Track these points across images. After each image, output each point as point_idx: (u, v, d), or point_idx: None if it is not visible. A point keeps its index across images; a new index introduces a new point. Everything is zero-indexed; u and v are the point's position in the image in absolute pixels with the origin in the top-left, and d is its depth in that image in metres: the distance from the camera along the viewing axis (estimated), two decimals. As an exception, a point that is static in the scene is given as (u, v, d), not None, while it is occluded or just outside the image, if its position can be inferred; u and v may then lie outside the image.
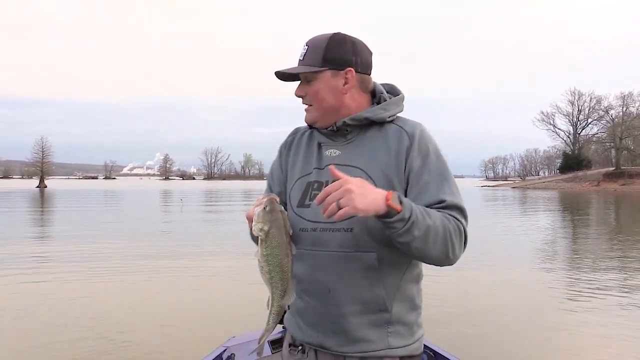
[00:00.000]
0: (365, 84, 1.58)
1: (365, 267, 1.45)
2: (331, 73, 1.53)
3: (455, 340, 5.17)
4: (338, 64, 1.52)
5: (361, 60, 1.55)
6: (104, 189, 66.37)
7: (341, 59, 1.52)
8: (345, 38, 1.56)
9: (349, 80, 1.53)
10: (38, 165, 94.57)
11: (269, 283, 1.42)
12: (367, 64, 1.58)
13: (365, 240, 1.45)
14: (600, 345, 5.34)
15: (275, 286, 1.42)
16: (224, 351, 3.16)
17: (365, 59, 1.57)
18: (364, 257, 1.45)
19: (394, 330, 1.48)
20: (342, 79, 1.53)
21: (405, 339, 1.50)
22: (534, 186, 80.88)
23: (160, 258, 10.77)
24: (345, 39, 1.55)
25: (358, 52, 1.55)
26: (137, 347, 5.19)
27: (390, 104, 1.57)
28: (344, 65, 1.52)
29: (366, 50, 1.58)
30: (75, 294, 7.51)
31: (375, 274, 1.46)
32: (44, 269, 9.53)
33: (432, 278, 8.31)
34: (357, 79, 1.55)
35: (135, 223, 19.41)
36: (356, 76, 1.54)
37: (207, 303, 6.80)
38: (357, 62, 1.54)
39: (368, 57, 1.58)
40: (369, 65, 1.59)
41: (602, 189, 65.32)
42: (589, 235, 16.10)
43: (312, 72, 1.53)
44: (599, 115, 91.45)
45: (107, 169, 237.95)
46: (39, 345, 5.23)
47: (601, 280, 8.51)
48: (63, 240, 13.94)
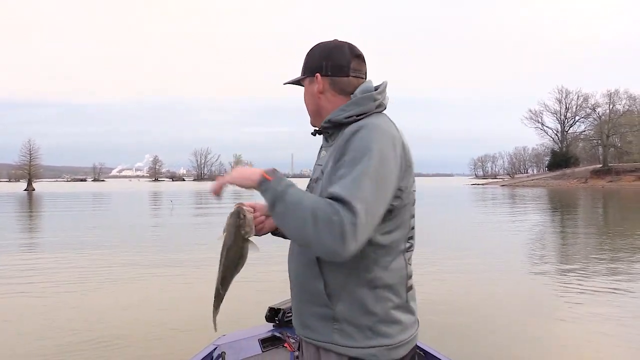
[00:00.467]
0: (339, 85, 1.63)
1: (308, 261, 1.55)
2: (309, 80, 1.68)
3: (445, 340, 5.22)
4: (311, 70, 1.66)
5: (332, 64, 1.63)
6: (93, 192, 65.90)
7: (312, 65, 1.66)
8: (320, 45, 1.68)
9: (319, 84, 1.64)
10: (25, 168, 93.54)
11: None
12: (339, 67, 1.63)
13: None
14: (595, 341, 5.41)
15: (218, 271, 1.65)
16: (215, 349, 3.19)
17: (337, 62, 1.63)
18: (307, 252, 1.53)
19: (340, 328, 1.51)
20: (316, 84, 1.65)
21: (355, 341, 1.50)
22: (522, 184, 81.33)
23: (149, 260, 10.75)
24: (320, 46, 1.67)
25: (330, 57, 1.63)
26: (128, 347, 5.19)
27: (350, 104, 1.60)
28: (314, 72, 1.65)
29: (342, 54, 1.64)
30: (64, 296, 7.49)
31: (317, 269, 1.53)
32: (33, 273, 9.47)
33: (424, 277, 8.38)
34: (327, 82, 1.64)
35: (125, 226, 19.30)
36: (326, 79, 1.64)
37: (197, 302, 6.81)
38: (326, 67, 1.63)
39: (342, 60, 1.63)
40: (343, 67, 1.63)
41: (590, 186, 65.87)
42: (578, 232, 16.25)
43: (299, 81, 1.71)
44: (586, 113, 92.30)
45: (95, 171, 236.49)
46: (29, 349, 5.22)
47: (593, 276, 8.60)
48: (52, 243, 13.86)
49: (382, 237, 1.50)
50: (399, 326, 1.53)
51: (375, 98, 1.59)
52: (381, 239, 1.50)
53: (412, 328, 1.59)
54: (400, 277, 1.56)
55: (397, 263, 1.55)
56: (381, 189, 1.40)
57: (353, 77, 1.64)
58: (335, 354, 1.53)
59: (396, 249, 1.54)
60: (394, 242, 1.53)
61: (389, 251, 1.52)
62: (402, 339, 1.53)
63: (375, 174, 1.38)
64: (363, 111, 1.57)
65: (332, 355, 1.54)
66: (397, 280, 1.54)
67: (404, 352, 1.54)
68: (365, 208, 1.33)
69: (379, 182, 1.39)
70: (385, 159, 1.43)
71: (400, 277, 1.56)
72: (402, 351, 1.54)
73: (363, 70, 1.68)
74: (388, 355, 1.51)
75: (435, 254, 10.93)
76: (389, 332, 1.52)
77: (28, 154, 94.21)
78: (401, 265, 1.56)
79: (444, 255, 10.82)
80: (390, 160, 1.44)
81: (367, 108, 1.58)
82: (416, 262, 1.65)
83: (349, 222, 1.30)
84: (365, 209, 1.33)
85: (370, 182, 1.37)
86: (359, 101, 1.59)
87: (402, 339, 1.53)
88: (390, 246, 1.53)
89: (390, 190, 1.44)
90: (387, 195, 1.44)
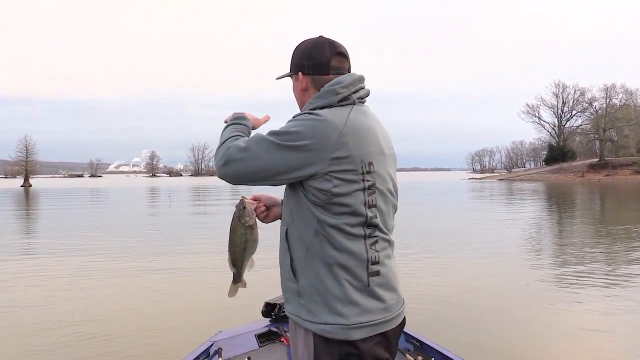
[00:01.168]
0: (319, 83, 1.73)
1: (282, 237, 1.73)
2: (294, 77, 1.80)
3: (441, 330, 5.29)
4: (294, 68, 1.78)
5: (313, 63, 1.74)
6: (90, 187, 65.83)
7: (295, 64, 1.78)
8: (303, 43, 1.78)
9: (301, 83, 1.76)
10: (22, 164, 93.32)
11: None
12: (319, 66, 1.73)
13: (284, 214, 1.76)
14: (592, 335, 5.48)
15: (228, 255, 1.88)
16: (211, 345, 3.25)
17: (317, 61, 1.73)
18: (282, 229, 1.74)
19: (304, 303, 1.64)
20: (299, 82, 1.77)
21: (314, 316, 1.61)
22: (519, 178, 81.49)
23: (147, 255, 10.79)
24: (303, 45, 1.78)
25: (310, 56, 1.74)
26: (125, 342, 5.24)
27: (315, 97, 1.70)
28: (297, 70, 1.77)
29: (322, 53, 1.73)
30: (63, 292, 7.54)
31: (286, 245, 1.70)
32: (33, 268, 9.52)
33: (421, 270, 8.46)
34: (308, 80, 1.75)
35: (122, 221, 19.34)
36: (307, 78, 1.75)
37: (194, 299, 6.87)
38: (307, 65, 1.75)
39: (322, 58, 1.73)
40: (323, 66, 1.73)
41: (587, 180, 66.03)
42: (574, 225, 16.33)
43: (288, 77, 1.83)
44: (583, 107, 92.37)
45: (92, 167, 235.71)
46: (29, 346, 5.28)
47: (588, 268, 8.67)
48: (50, 240, 13.90)
49: (326, 217, 1.60)
50: (356, 308, 1.59)
51: (338, 92, 1.66)
52: (326, 218, 1.60)
53: (375, 313, 1.62)
54: (359, 260, 1.61)
55: (354, 246, 1.61)
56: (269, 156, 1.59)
57: (333, 74, 1.72)
58: (303, 329, 1.65)
59: (348, 232, 1.60)
60: (341, 225, 1.59)
61: (339, 232, 1.60)
62: (358, 321, 1.58)
63: (269, 143, 1.60)
64: (325, 104, 1.65)
65: (302, 330, 1.66)
66: (354, 262, 1.60)
67: (362, 334, 1.59)
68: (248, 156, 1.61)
69: (270, 151, 1.59)
70: (289, 138, 1.58)
71: (359, 261, 1.61)
72: (360, 333, 1.58)
73: (345, 66, 1.76)
74: (344, 334, 1.57)
75: (430, 247, 11.03)
76: (344, 312, 1.58)
77: (24, 150, 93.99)
78: (359, 249, 1.61)
79: (440, 249, 10.90)
80: (294, 141, 1.57)
81: (329, 101, 1.65)
82: (412, 255, 1.71)
83: (225, 147, 1.66)
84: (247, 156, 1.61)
85: (263, 145, 1.61)
86: (322, 94, 1.68)
87: (359, 321, 1.58)
88: (340, 228, 1.60)
89: (278, 164, 1.59)
90: (272, 164, 1.60)
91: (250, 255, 1.87)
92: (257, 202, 1.89)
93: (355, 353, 1.58)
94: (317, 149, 1.56)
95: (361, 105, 1.72)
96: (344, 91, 1.67)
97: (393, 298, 1.68)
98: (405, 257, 9.26)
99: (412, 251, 10.20)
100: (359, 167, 1.59)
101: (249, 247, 1.85)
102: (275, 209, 1.92)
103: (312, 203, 1.61)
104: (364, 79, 1.76)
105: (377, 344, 1.62)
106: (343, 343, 1.58)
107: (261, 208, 1.89)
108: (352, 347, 1.58)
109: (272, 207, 1.92)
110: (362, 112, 1.69)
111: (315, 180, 1.58)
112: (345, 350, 1.58)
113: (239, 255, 1.85)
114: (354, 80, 1.71)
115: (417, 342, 3.29)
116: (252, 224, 1.83)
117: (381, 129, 1.74)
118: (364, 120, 1.67)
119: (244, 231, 1.83)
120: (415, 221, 16.46)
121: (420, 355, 3.11)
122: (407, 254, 9.70)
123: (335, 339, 1.58)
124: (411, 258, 9.44)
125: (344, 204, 1.59)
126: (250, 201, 1.85)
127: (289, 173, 1.60)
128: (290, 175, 1.60)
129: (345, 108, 1.66)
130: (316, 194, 1.59)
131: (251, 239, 1.84)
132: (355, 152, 1.58)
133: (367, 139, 1.63)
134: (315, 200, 1.60)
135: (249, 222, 1.82)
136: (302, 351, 1.66)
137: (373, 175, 1.63)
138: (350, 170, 1.58)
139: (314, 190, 1.59)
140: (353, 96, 1.69)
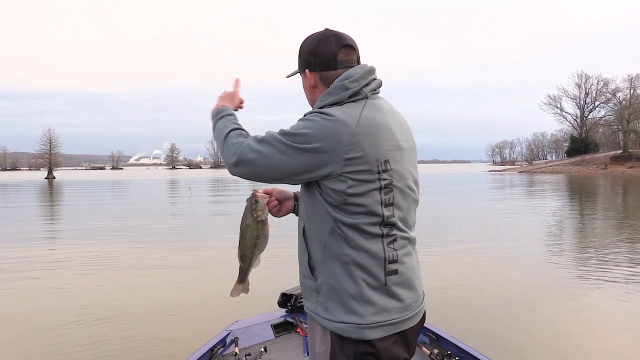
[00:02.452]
0: (328, 79, 1.68)
1: (300, 234, 1.72)
2: (302, 75, 1.76)
3: (458, 324, 5.28)
4: (301, 66, 1.75)
5: (319, 60, 1.69)
6: (113, 180, 66.69)
7: (303, 62, 1.74)
8: (308, 39, 1.74)
9: (310, 80, 1.73)
10: (46, 157, 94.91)
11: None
12: (325, 62, 1.68)
13: (301, 211, 1.76)
14: (613, 329, 5.43)
15: (238, 250, 1.87)
16: (228, 335, 3.28)
17: (323, 57, 1.68)
18: (300, 226, 1.73)
19: (322, 300, 1.63)
20: (307, 79, 1.74)
21: (331, 314, 1.60)
22: (540, 170, 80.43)
23: (167, 246, 10.96)
24: (307, 41, 1.74)
25: (316, 53, 1.69)
26: (144, 333, 5.34)
27: (325, 94, 1.65)
28: (304, 67, 1.73)
29: (328, 48, 1.68)
30: (84, 279, 7.73)
31: (304, 242, 1.69)
32: (58, 257, 9.73)
33: (441, 262, 8.43)
34: (316, 77, 1.71)
35: (144, 212, 19.60)
36: (315, 75, 1.71)
37: (211, 290, 6.97)
38: (313, 63, 1.70)
39: (328, 54, 1.67)
40: (330, 61, 1.67)
41: (610, 172, 64.92)
42: (596, 219, 16.10)
43: (298, 74, 1.79)
44: (607, 98, 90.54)
45: (113, 159, 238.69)
46: (51, 337, 5.40)
47: (611, 265, 8.56)
48: (76, 229, 14.19)
49: (342, 216, 1.57)
50: (372, 307, 1.57)
51: (348, 87, 1.61)
52: (342, 218, 1.57)
53: (392, 312, 1.60)
54: (376, 259, 1.58)
55: (371, 245, 1.58)
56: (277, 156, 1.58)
57: (341, 68, 1.67)
58: (321, 326, 1.65)
59: (365, 232, 1.57)
60: (358, 225, 1.57)
61: (355, 231, 1.57)
62: (375, 320, 1.57)
63: (279, 143, 1.57)
64: (336, 101, 1.61)
65: (319, 327, 1.66)
66: (370, 261, 1.58)
67: (378, 334, 1.57)
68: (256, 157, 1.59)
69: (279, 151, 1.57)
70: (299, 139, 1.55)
71: (376, 260, 1.58)
72: (376, 333, 1.57)
73: (353, 59, 1.70)
74: (359, 333, 1.56)
75: (451, 240, 10.98)
76: (360, 311, 1.56)
77: (48, 143, 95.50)
78: (377, 248, 1.58)
79: (460, 241, 10.84)
80: (303, 143, 1.54)
81: (340, 98, 1.61)
82: (432, 247, 1.70)
83: (232, 142, 1.67)
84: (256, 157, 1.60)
85: (274, 144, 1.58)
86: (332, 91, 1.63)
87: (375, 321, 1.57)
88: (356, 227, 1.57)
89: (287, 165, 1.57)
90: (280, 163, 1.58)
91: (260, 251, 1.85)
92: (269, 195, 1.87)
93: (372, 352, 1.56)
94: (330, 150, 1.52)
95: (374, 98, 1.67)
96: (354, 86, 1.61)
97: (412, 296, 1.65)
98: (428, 249, 9.20)
99: (430, 242, 10.21)
100: (374, 166, 1.55)
101: (259, 243, 1.83)
102: (287, 203, 1.91)
103: (327, 203, 1.58)
104: (374, 70, 1.70)
105: (394, 343, 1.60)
106: (359, 342, 1.56)
107: (273, 202, 1.88)
108: (369, 346, 1.56)
109: (284, 201, 1.91)
110: (376, 107, 1.63)
111: (330, 180, 1.56)
112: (361, 349, 1.56)
113: (248, 251, 1.84)
114: (364, 73, 1.65)
115: (434, 335, 3.28)
116: (264, 219, 1.81)
117: (397, 121, 1.67)
118: (378, 116, 1.61)
119: (256, 226, 1.81)
120: (435, 213, 16.38)
121: (436, 348, 3.10)
122: (431, 244, 9.69)
123: (351, 338, 1.57)
124: (432, 251, 9.45)
125: (360, 204, 1.56)
126: (262, 195, 1.82)
127: (302, 174, 1.58)
128: (304, 176, 1.58)
129: (357, 104, 1.61)
130: (331, 195, 1.57)
131: (262, 235, 1.82)
132: (370, 151, 1.54)
133: (381, 136, 1.58)
134: (330, 200, 1.58)
135: (261, 217, 1.80)
136: (319, 348, 1.67)
137: (390, 174, 1.58)
138: (365, 170, 1.54)
139: (329, 190, 1.57)
140: (364, 90, 1.63)
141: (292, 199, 1.91)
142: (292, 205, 1.91)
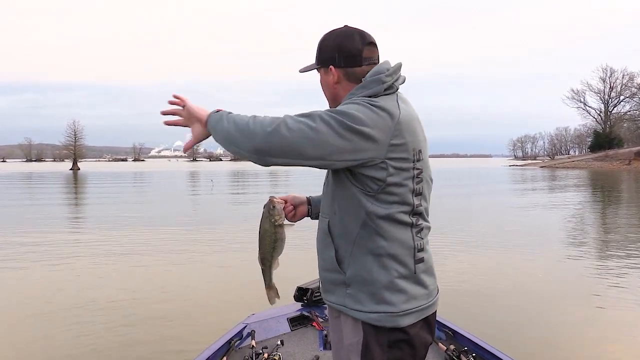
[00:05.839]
0: (352, 75, 1.69)
1: (324, 230, 1.73)
2: (323, 70, 1.75)
3: (475, 320, 5.26)
4: (324, 62, 1.73)
5: (344, 56, 1.68)
6: (135, 171, 67.53)
7: (326, 57, 1.72)
8: (332, 35, 1.73)
9: (334, 76, 1.72)
10: (71, 149, 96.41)
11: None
12: (351, 57, 1.68)
13: (324, 207, 1.76)
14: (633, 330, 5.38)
15: (258, 254, 1.95)
16: (244, 328, 3.34)
17: (349, 53, 1.68)
18: (323, 222, 1.75)
19: (352, 292, 1.65)
20: (331, 75, 1.72)
21: (362, 306, 1.62)
22: (563, 165, 79.26)
23: (187, 237, 11.11)
24: (332, 36, 1.73)
25: (341, 48, 1.69)
26: (161, 324, 5.42)
27: (359, 87, 1.67)
28: (328, 63, 1.72)
29: (353, 44, 1.68)
30: (106, 269, 7.91)
31: (329, 237, 1.70)
32: (82, 245, 9.92)
33: (458, 257, 8.39)
34: (341, 73, 1.71)
35: (167, 203, 19.90)
36: (339, 71, 1.71)
37: (229, 283, 7.03)
38: (338, 58, 1.69)
39: (354, 50, 1.68)
40: (355, 57, 1.68)
41: (634, 168, 63.68)
42: (620, 216, 15.84)
43: (315, 70, 1.78)
44: (632, 93, 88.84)
45: (135, 151, 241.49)
46: (71, 324, 5.54)
47: (634, 263, 8.45)
48: (101, 218, 14.47)
49: (376, 207, 1.59)
50: (403, 295, 1.62)
51: (384, 80, 1.63)
52: (376, 209, 1.59)
53: (420, 299, 1.66)
54: (407, 248, 1.63)
55: (402, 234, 1.62)
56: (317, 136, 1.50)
57: (365, 65, 1.69)
58: (351, 318, 1.66)
59: (398, 221, 1.61)
60: (392, 214, 1.60)
61: (389, 222, 1.60)
62: (406, 308, 1.62)
63: (320, 120, 1.51)
64: (371, 94, 1.62)
65: (349, 319, 1.67)
66: (402, 251, 1.62)
67: (410, 320, 1.62)
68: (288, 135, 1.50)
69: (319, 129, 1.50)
70: (345, 119, 1.51)
71: (407, 249, 1.63)
72: (408, 320, 1.62)
73: (375, 56, 1.72)
74: (392, 322, 1.61)
75: (470, 235, 10.91)
76: (393, 300, 1.61)
77: (73, 135, 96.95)
78: (407, 237, 1.63)
79: (479, 237, 10.75)
80: (349, 124, 1.51)
81: (375, 91, 1.63)
82: (450, 242, 1.71)
83: (253, 126, 1.54)
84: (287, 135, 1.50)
85: (310, 123, 1.51)
86: (367, 84, 1.65)
87: (406, 308, 1.62)
88: (390, 217, 1.60)
89: (330, 144, 1.50)
90: (319, 144, 1.50)
91: (278, 253, 1.94)
92: (285, 202, 1.94)
93: (405, 339, 1.62)
94: (377, 136, 1.53)
95: (400, 93, 1.71)
96: (389, 79, 1.64)
97: (433, 283, 1.73)
98: (441, 242, 9.23)
99: (449, 237, 10.16)
100: (411, 154, 1.60)
101: (278, 246, 1.92)
102: (301, 207, 1.98)
103: (362, 193, 1.60)
104: (401, 66, 1.74)
105: (421, 329, 1.67)
106: (393, 330, 1.61)
107: (289, 207, 1.95)
108: (402, 333, 1.62)
109: (298, 206, 1.98)
110: (405, 100, 1.69)
111: (370, 168, 1.56)
112: (395, 337, 1.61)
113: (268, 254, 1.93)
114: (397, 68, 1.69)
115: (450, 330, 3.29)
116: (281, 223, 1.90)
117: (417, 115, 1.73)
118: (409, 108, 1.68)
119: (274, 230, 1.90)
120: (455, 208, 16.29)
121: (452, 344, 3.11)
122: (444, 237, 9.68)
123: (385, 327, 1.61)
124: (450, 244, 9.42)
125: (395, 193, 1.59)
126: (279, 200, 1.91)
127: (347, 154, 1.52)
128: (348, 156, 1.53)
129: (392, 97, 1.65)
130: (368, 184, 1.58)
131: (280, 238, 1.91)
132: (409, 139, 1.59)
133: (415, 127, 1.65)
134: (366, 190, 1.59)
135: (279, 221, 1.89)
136: (349, 339, 1.69)
137: (421, 163, 1.64)
138: (405, 158, 1.59)
139: (367, 179, 1.58)
140: (396, 84, 1.68)
141: (306, 203, 1.98)
142: (306, 209, 1.98)
